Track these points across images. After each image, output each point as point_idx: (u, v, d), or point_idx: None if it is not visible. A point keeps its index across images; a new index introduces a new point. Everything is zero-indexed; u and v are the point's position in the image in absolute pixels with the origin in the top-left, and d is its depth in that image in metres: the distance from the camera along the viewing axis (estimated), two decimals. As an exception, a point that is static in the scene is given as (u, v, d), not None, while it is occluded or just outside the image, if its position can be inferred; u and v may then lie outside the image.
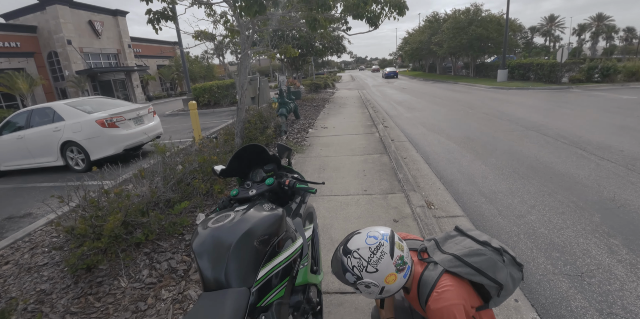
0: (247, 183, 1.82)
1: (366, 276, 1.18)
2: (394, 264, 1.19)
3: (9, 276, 2.86)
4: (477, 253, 1.29)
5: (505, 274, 1.29)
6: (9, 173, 7.08)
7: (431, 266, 1.31)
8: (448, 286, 1.20)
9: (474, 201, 3.81)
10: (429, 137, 7.03)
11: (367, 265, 1.18)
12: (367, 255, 1.19)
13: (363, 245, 1.21)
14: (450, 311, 1.15)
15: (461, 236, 1.45)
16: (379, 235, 1.24)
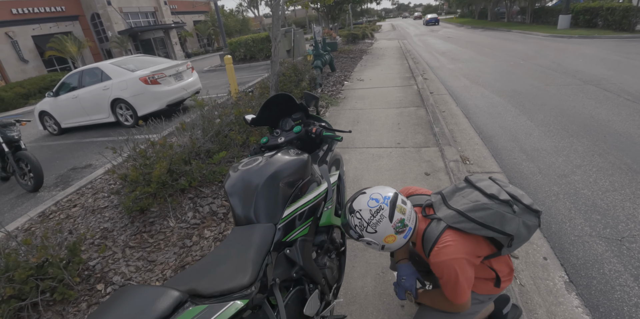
0: (276, 131, 1.86)
1: (366, 236, 1.21)
2: (392, 227, 1.19)
3: (78, 217, 3.19)
4: (481, 208, 1.22)
5: (516, 224, 1.21)
6: (70, 130, 7.54)
7: (434, 223, 1.27)
8: (449, 241, 1.19)
9: (513, 158, 3.51)
10: (471, 90, 6.42)
11: (367, 226, 1.19)
12: (367, 216, 1.19)
13: (365, 207, 1.21)
14: (450, 265, 1.16)
15: (470, 188, 1.35)
16: (381, 197, 1.22)
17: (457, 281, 1.16)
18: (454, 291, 1.19)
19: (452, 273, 1.15)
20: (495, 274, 1.34)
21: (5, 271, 2.05)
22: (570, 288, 1.95)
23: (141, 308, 0.71)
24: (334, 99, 6.17)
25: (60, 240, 2.33)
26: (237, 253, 1.06)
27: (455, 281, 1.16)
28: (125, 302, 0.74)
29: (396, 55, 12.22)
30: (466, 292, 1.20)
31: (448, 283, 1.19)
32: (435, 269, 1.19)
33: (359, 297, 1.92)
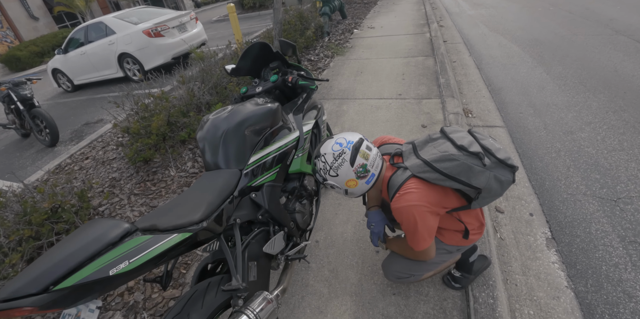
0: (254, 81, 1.80)
1: (329, 179, 1.21)
2: (354, 171, 1.18)
3: (90, 168, 3.27)
4: (448, 159, 1.14)
5: (485, 177, 1.13)
6: (83, 87, 7.37)
7: (400, 171, 1.22)
8: (412, 188, 1.16)
9: (519, 113, 3.24)
10: (489, 39, 5.75)
11: (330, 170, 1.19)
12: (330, 160, 1.19)
13: (329, 151, 1.20)
14: (409, 211, 1.14)
15: (443, 139, 1.26)
16: (345, 142, 1.20)
17: (415, 228, 1.15)
18: (413, 238, 1.19)
19: (411, 219, 1.14)
20: (464, 226, 1.31)
21: (24, 215, 2.17)
22: (551, 244, 1.90)
23: (95, 236, 0.83)
24: (341, 48, 5.70)
25: (69, 188, 2.41)
26: (198, 195, 1.11)
27: (414, 228, 1.16)
28: (85, 232, 0.86)
29: (414, 0, 10.92)
30: (425, 240, 1.18)
31: (408, 230, 1.19)
32: (396, 215, 1.18)
33: (337, 242, 1.95)
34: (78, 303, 0.79)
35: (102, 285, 0.81)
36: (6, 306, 0.70)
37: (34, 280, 0.73)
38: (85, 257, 0.78)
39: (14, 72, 13.12)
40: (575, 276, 1.71)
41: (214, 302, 1.01)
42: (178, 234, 0.93)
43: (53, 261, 0.77)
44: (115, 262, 0.81)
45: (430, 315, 1.47)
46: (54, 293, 0.73)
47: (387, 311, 1.51)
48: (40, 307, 0.72)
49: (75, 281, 0.75)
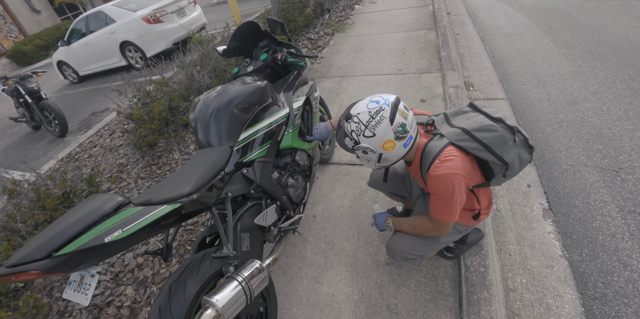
0: (245, 60, 1.79)
1: (363, 141, 1.08)
2: (393, 130, 1.06)
3: (98, 155, 3.36)
4: (488, 129, 1.10)
5: (513, 154, 1.11)
6: (88, 78, 7.38)
7: (437, 137, 1.15)
8: (452, 156, 1.09)
9: (522, 84, 3.14)
10: (494, 9, 5.46)
11: (365, 129, 1.06)
12: (366, 118, 1.06)
13: (364, 109, 1.07)
14: (449, 179, 1.07)
15: (474, 112, 1.23)
16: (382, 99, 1.08)
17: (452, 197, 1.09)
18: (445, 208, 1.12)
19: (450, 187, 1.07)
20: (479, 206, 1.28)
21: (38, 201, 2.27)
22: (547, 215, 1.89)
23: (92, 208, 0.92)
24: (341, 25, 5.52)
25: (79, 175, 2.49)
26: (190, 171, 1.16)
27: (450, 197, 1.09)
28: (83, 206, 0.94)
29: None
30: (456, 211, 1.13)
31: (442, 199, 1.10)
32: (433, 184, 1.10)
33: (334, 216, 1.98)
34: (79, 268, 0.87)
35: (99, 252, 0.88)
36: (14, 270, 0.79)
37: (38, 248, 0.82)
38: (83, 227, 0.87)
39: (21, 67, 13.23)
40: (570, 245, 1.71)
41: (208, 270, 1.07)
42: (167, 205, 0.99)
43: (54, 232, 0.85)
44: (110, 231, 0.88)
45: (422, 283, 1.51)
46: (56, 259, 0.81)
47: (381, 279, 1.56)
48: (44, 271, 0.80)
49: (75, 247, 0.83)
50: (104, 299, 1.81)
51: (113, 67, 6.81)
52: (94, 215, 0.90)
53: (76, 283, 0.98)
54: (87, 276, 0.97)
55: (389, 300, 1.47)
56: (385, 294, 1.49)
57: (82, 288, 0.96)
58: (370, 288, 1.53)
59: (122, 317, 1.70)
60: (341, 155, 2.47)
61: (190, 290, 1.01)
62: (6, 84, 4.62)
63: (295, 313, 1.50)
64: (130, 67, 6.64)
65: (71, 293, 0.97)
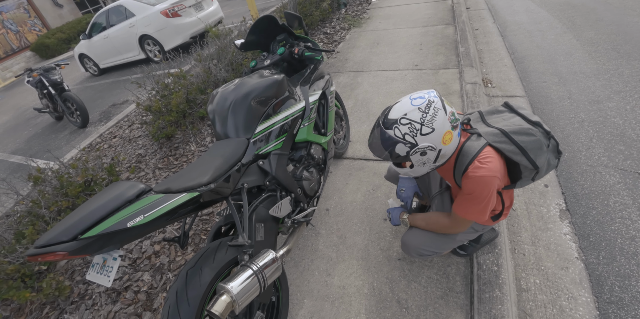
0: (263, 54, 1.81)
1: (422, 141, 1.01)
2: (449, 120, 1.01)
3: (118, 146, 3.45)
4: (526, 132, 1.08)
5: (545, 158, 1.10)
6: (108, 70, 7.53)
7: (474, 137, 1.12)
8: (490, 158, 1.07)
9: (542, 82, 3.04)
10: (515, 4, 5.29)
11: (422, 127, 0.99)
12: (418, 116, 0.99)
13: (410, 108, 1.01)
14: (488, 181, 1.05)
15: (510, 113, 1.20)
16: (424, 94, 1.03)
17: (485, 199, 1.07)
18: (476, 209, 1.11)
19: (486, 189, 1.06)
20: (502, 207, 1.26)
21: (61, 188, 2.35)
22: (564, 216, 1.84)
23: (115, 195, 0.95)
24: (357, 20, 5.45)
25: (99, 164, 2.57)
26: (208, 162, 1.18)
27: (484, 199, 1.07)
28: (106, 192, 0.98)
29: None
30: (487, 212, 1.12)
31: (475, 199, 1.08)
32: (469, 184, 1.07)
33: (347, 210, 1.98)
34: (102, 251, 0.91)
35: (122, 236, 0.92)
36: (42, 251, 0.83)
37: (64, 230, 0.85)
38: (107, 212, 0.90)
39: (44, 59, 13.61)
40: (587, 247, 1.67)
41: (223, 258, 1.10)
42: (186, 194, 1.02)
43: (80, 216, 0.89)
44: (132, 216, 0.91)
45: (434, 280, 1.50)
46: (81, 241, 0.85)
47: (392, 274, 1.55)
48: (70, 252, 0.84)
49: (99, 231, 0.86)
50: (122, 283, 1.87)
51: (132, 60, 6.93)
52: (117, 201, 0.93)
53: (99, 265, 1.02)
54: (109, 259, 1.01)
55: (400, 295, 1.47)
56: (396, 289, 1.49)
57: (105, 271, 1.00)
58: (381, 283, 1.53)
59: (139, 301, 1.76)
60: (355, 150, 2.46)
61: (205, 277, 1.03)
62: (31, 76, 4.76)
63: (306, 304, 1.52)
64: (149, 60, 6.74)
65: (94, 275, 1.02)
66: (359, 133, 2.63)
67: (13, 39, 13.83)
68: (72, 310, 1.83)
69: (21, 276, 1.90)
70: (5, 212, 2.74)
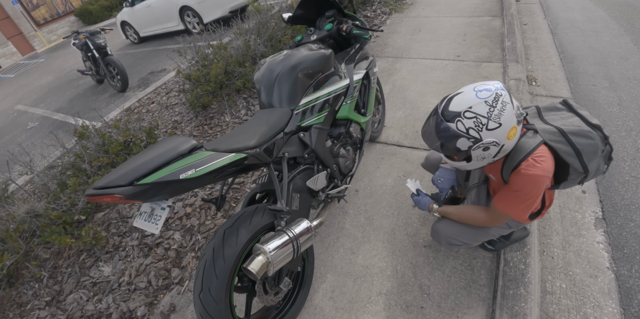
0: (310, 29, 1.78)
1: (487, 136, 0.94)
2: (515, 114, 0.95)
3: (155, 111, 3.51)
4: (585, 135, 1.01)
5: (596, 163, 1.04)
6: (147, 39, 7.58)
7: (530, 133, 1.05)
8: (545, 157, 1.01)
9: (591, 85, 2.82)
10: (570, 0, 4.87)
11: (488, 121, 0.92)
12: (484, 109, 0.92)
13: (476, 101, 0.93)
14: (539, 181, 1.00)
15: (568, 112, 1.12)
16: (490, 86, 0.95)
17: (534, 198, 1.04)
18: (521, 206, 1.06)
19: (536, 188, 1.02)
20: (541, 207, 1.21)
21: (102, 145, 2.43)
22: (599, 224, 1.74)
23: (170, 147, 0.96)
24: (399, 5, 5.19)
25: (139, 126, 2.63)
26: (254, 127, 1.20)
27: (530, 197, 1.03)
28: (161, 144, 0.99)
29: (488, -48, 9.34)
30: (530, 210, 1.07)
31: (523, 197, 1.04)
32: (520, 181, 1.03)
33: (376, 193, 1.96)
34: (153, 199, 0.94)
35: (173, 187, 0.94)
36: (101, 192, 0.85)
37: (122, 176, 0.87)
38: (162, 162, 0.92)
39: (86, 25, 13.88)
40: (620, 259, 1.58)
41: (259, 222, 1.11)
42: (235, 154, 1.04)
43: (136, 164, 0.91)
44: (185, 169, 0.93)
45: (458, 270, 1.47)
46: (137, 187, 0.87)
47: (416, 260, 1.53)
48: (126, 196, 0.86)
49: (154, 179, 0.88)
50: (154, 240, 1.94)
51: (171, 30, 6.95)
52: (171, 153, 0.94)
53: (147, 214, 1.05)
54: (157, 208, 1.04)
55: (422, 281, 1.45)
56: (419, 274, 1.48)
57: (153, 219, 1.03)
58: (404, 267, 1.52)
59: (168, 258, 1.83)
60: (389, 135, 2.40)
61: (242, 237, 1.05)
62: (77, 38, 4.86)
63: (328, 279, 1.53)
64: (187, 31, 6.74)
65: (142, 222, 1.05)
66: (393, 119, 2.55)
67: (59, 3, 14.11)
68: (107, 259, 1.92)
69: (62, 223, 2.01)
70: (49, 164, 2.87)
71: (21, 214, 1.87)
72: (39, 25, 13.04)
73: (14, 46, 12.04)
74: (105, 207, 2.29)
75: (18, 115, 5.39)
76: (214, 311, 0.99)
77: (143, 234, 2.00)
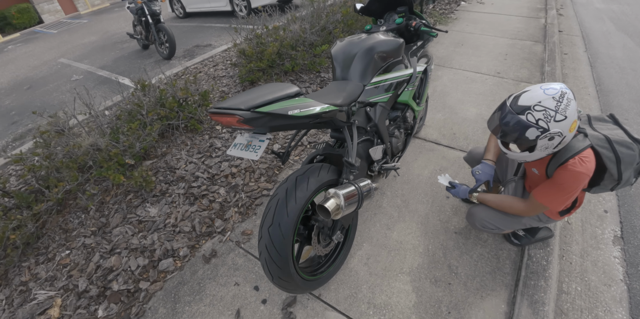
0: (379, 21, 1.94)
1: (553, 127, 1.05)
2: (577, 110, 1.08)
3: (202, 80, 3.60)
4: (627, 146, 1.13)
5: (629, 173, 1.14)
6: (191, 15, 7.73)
7: (580, 136, 1.17)
8: (590, 158, 1.12)
9: (624, 119, 2.90)
10: (612, 37, 4.93)
11: (555, 114, 1.04)
12: (552, 104, 1.04)
13: (544, 97, 1.05)
14: (582, 178, 1.11)
15: (614, 124, 1.24)
16: (556, 85, 1.08)
17: (573, 192, 1.15)
18: (560, 199, 1.18)
19: (576, 184, 1.13)
20: (573, 204, 1.33)
21: (160, 99, 2.55)
22: (617, 242, 1.83)
23: (281, 88, 1.11)
24: (444, 18, 5.28)
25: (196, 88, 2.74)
26: (335, 91, 1.35)
27: (570, 192, 1.15)
28: (273, 85, 1.13)
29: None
30: (565, 203, 1.19)
31: (564, 190, 1.15)
32: (564, 176, 1.14)
33: (413, 181, 2.06)
34: (258, 129, 1.05)
35: (280, 121, 1.05)
36: (224, 112, 0.97)
37: (243, 102, 1.00)
38: (275, 98, 1.05)
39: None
40: (633, 274, 1.66)
41: (325, 177, 1.21)
42: (330, 105, 1.17)
43: (254, 95, 1.04)
44: (292, 107, 1.05)
45: (485, 257, 1.57)
46: (254, 114, 0.98)
47: (447, 243, 1.63)
48: (244, 120, 0.97)
49: (269, 109, 1.00)
50: (200, 191, 2.05)
51: (217, 10, 7.08)
52: (282, 92, 1.07)
53: (242, 145, 1.19)
54: (254, 140, 1.17)
55: (451, 262, 1.55)
56: (448, 256, 1.57)
57: (252, 148, 1.16)
58: (435, 247, 1.61)
59: (212, 209, 1.94)
60: (428, 133, 2.50)
61: (311, 185, 1.15)
62: (134, 2, 5.00)
63: (364, 247, 1.63)
64: (233, 13, 6.87)
65: (238, 151, 1.18)
66: (433, 120, 2.65)
67: (107, -32, 14.28)
68: (153, 202, 2.04)
69: (116, 163, 2.13)
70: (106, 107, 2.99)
71: (86, 145, 1.99)
72: (87, -13, 13.25)
73: (59, 4, 12.27)
74: (153, 156, 2.41)
75: (62, 67, 5.55)
76: (279, 245, 1.09)
77: (190, 184, 2.11)
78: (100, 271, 1.66)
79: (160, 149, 2.46)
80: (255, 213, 1.91)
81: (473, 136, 2.46)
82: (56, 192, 1.94)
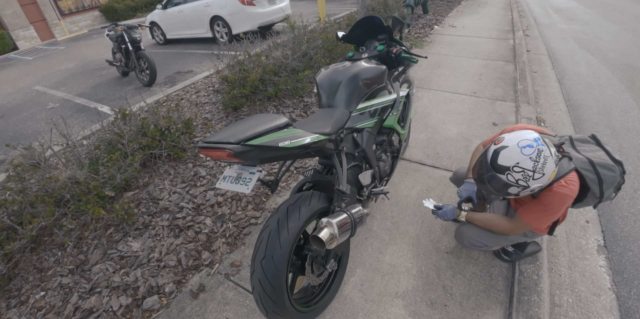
0: (361, 48, 2.05)
1: (533, 184, 1.11)
2: (554, 162, 1.12)
3: (185, 107, 3.69)
4: (609, 168, 1.23)
5: (610, 192, 1.26)
6: (172, 42, 8.00)
7: (565, 160, 1.26)
8: (575, 180, 1.21)
9: (594, 131, 3.14)
10: (577, 56, 5.41)
11: (534, 173, 1.09)
12: (530, 165, 1.08)
13: (521, 157, 1.09)
14: (566, 199, 1.20)
15: (596, 145, 1.36)
16: (532, 142, 1.09)
17: (554, 212, 1.24)
18: (544, 218, 1.27)
19: (560, 205, 1.22)
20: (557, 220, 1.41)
21: (142, 128, 2.57)
22: (601, 251, 1.93)
23: (270, 119, 1.15)
24: (420, 42, 5.66)
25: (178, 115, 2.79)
26: (323, 119, 1.41)
27: (555, 212, 1.25)
28: (261, 116, 1.16)
29: (500, 5, 10.29)
30: (549, 222, 1.29)
31: (549, 211, 1.24)
32: (549, 197, 1.22)
33: (401, 202, 2.13)
34: (249, 162, 1.08)
35: (270, 153, 1.08)
36: (214, 146, 1.00)
37: (233, 135, 1.03)
38: (265, 130, 1.08)
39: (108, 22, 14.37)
40: (620, 282, 1.75)
41: (317, 204, 1.25)
42: (319, 135, 1.22)
43: (243, 128, 1.07)
44: (283, 139, 1.09)
45: (477, 275, 1.62)
46: (244, 147, 1.01)
47: (439, 264, 1.68)
48: (234, 154, 1.00)
49: (259, 142, 1.03)
50: (185, 222, 2.04)
51: (198, 36, 7.33)
52: (271, 124, 1.11)
53: (232, 177, 1.20)
54: (244, 173, 1.19)
55: (445, 282, 1.59)
56: (442, 276, 1.61)
57: (242, 181, 1.18)
58: (428, 268, 1.66)
59: (199, 241, 1.92)
60: (412, 154, 2.62)
61: (303, 215, 1.17)
62: (113, 30, 5.12)
63: (358, 273, 1.65)
64: (214, 40, 7.11)
65: (227, 185, 1.19)
66: (416, 140, 2.79)
67: (87, -4, 14.64)
68: (136, 235, 2.00)
69: (95, 196, 2.10)
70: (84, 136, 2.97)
71: (63, 178, 1.97)
72: (63, 14, 13.44)
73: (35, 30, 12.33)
74: (135, 187, 2.40)
75: (37, 95, 5.51)
76: (273, 278, 1.08)
77: (174, 215, 2.10)
78: (79, 313, 1.59)
79: (142, 179, 2.45)
80: (244, 243, 1.90)
81: (456, 155, 2.59)
82: (30, 229, 1.88)
